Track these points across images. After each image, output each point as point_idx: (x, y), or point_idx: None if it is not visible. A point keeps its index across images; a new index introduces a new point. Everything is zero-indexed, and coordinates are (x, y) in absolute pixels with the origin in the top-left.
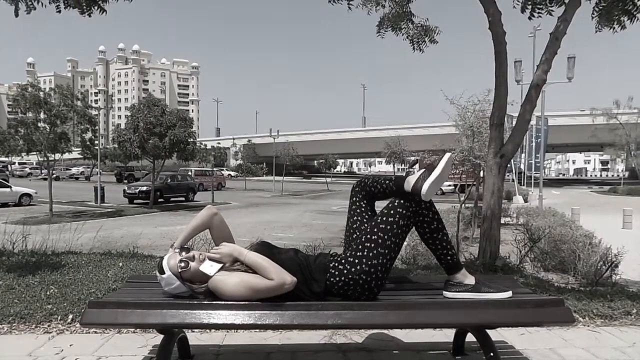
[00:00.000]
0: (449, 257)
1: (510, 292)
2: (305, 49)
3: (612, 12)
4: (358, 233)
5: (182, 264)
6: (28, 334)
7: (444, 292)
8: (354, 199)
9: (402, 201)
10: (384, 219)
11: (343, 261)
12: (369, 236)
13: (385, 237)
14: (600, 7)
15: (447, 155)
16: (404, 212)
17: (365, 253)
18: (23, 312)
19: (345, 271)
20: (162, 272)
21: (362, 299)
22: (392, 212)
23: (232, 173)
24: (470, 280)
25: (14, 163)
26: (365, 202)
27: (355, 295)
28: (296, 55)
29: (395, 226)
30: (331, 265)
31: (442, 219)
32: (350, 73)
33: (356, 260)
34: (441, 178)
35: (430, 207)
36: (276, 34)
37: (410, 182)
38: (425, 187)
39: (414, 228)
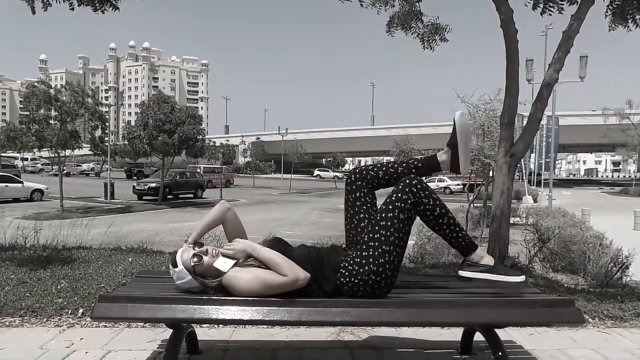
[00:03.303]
0: (460, 239)
1: (524, 276)
2: (314, 47)
3: (627, 10)
4: (364, 231)
5: (195, 259)
6: (39, 327)
7: (460, 271)
8: (358, 193)
9: (398, 195)
10: (384, 215)
11: (352, 262)
12: (371, 235)
13: (388, 233)
14: (615, 5)
15: (457, 114)
16: (403, 205)
17: (371, 253)
18: (34, 305)
19: (354, 272)
20: (175, 265)
21: (373, 297)
22: (390, 207)
23: None
24: (487, 260)
25: (27, 159)
26: (370, 196)
27: (366, 296)
28: (305, 53)
29: (396, 221)
30: (342, 265)
31: (444, 204)
32: (360, 71)
33: (363, 261)
34: (466, 146)
35: (429, 194)
36: (286, 32)
37: (443, 159)
38: (461, 161)
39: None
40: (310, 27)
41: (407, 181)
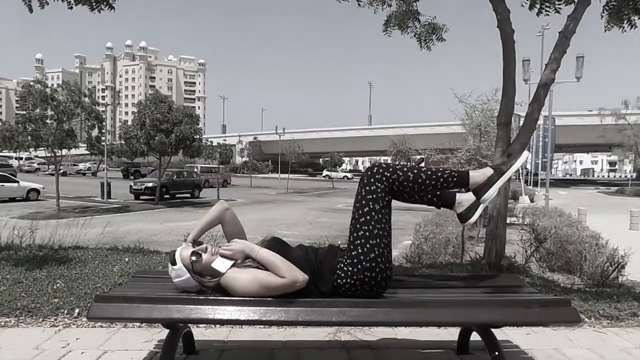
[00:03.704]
0: (450, 179)
1: (526, 152)
2: (311, 46)
3: (622, 11)
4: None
5: (194, 257)
6: (35, 328)
7: (481, 200)
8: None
9: (367, 188)
10: (361, 212)
11: (346, 262)
12: (356, 234)
13: (370, 227)
14: (610, 6)
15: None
16: (375, 196)
17: (359, 251)
18: (30, 305)
19: (349, 272)
20: (174, 263)
21: (371, 296)
22: (363, 202)
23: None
24: (486, 172)
25: (21, 158)
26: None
27: (364, 294)
28: (302, 52)
29: (373, 213)
30: (338, 266)
31: (411, 165)
32: (357, 71)
33: (355, 260)
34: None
35: (394, 169)
36: (283, 31)
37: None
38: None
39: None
40: (308, 26)
41: (369, 173)
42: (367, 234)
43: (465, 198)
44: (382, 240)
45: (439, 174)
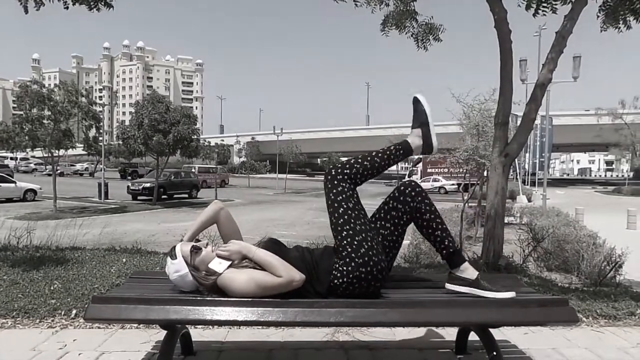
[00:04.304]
0: (395, 158)
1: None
2: (309, 46)
3: (618, 11)
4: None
5: (194, 250)
6: (32, 329)
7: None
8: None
9: (333, 191)
10: (336, 214)
11: (341, 262)
12: (340, 236)
13: (352, 225)
14: (607, 6)
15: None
16: (343, 196)
17: (349, 249)
18: (27, 306)
19: (345, 272)
20: (173, 257)
21: (370, 291)
22: (336, 205)
23: None
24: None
25: (16, 158)
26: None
27: (362, 292)
28: (300, 53)
29: (350, 211)
30: (334, 267)
31: (364, 157)
32: (355, 71)
33: (348, 259)
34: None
35: (352, 164)
36: (281, 32)
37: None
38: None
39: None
40: (305, 26)
41: (330, 177)
42: (351, 232)
43: (469, 271)
44: (368, 234)
45: (388, 151)
